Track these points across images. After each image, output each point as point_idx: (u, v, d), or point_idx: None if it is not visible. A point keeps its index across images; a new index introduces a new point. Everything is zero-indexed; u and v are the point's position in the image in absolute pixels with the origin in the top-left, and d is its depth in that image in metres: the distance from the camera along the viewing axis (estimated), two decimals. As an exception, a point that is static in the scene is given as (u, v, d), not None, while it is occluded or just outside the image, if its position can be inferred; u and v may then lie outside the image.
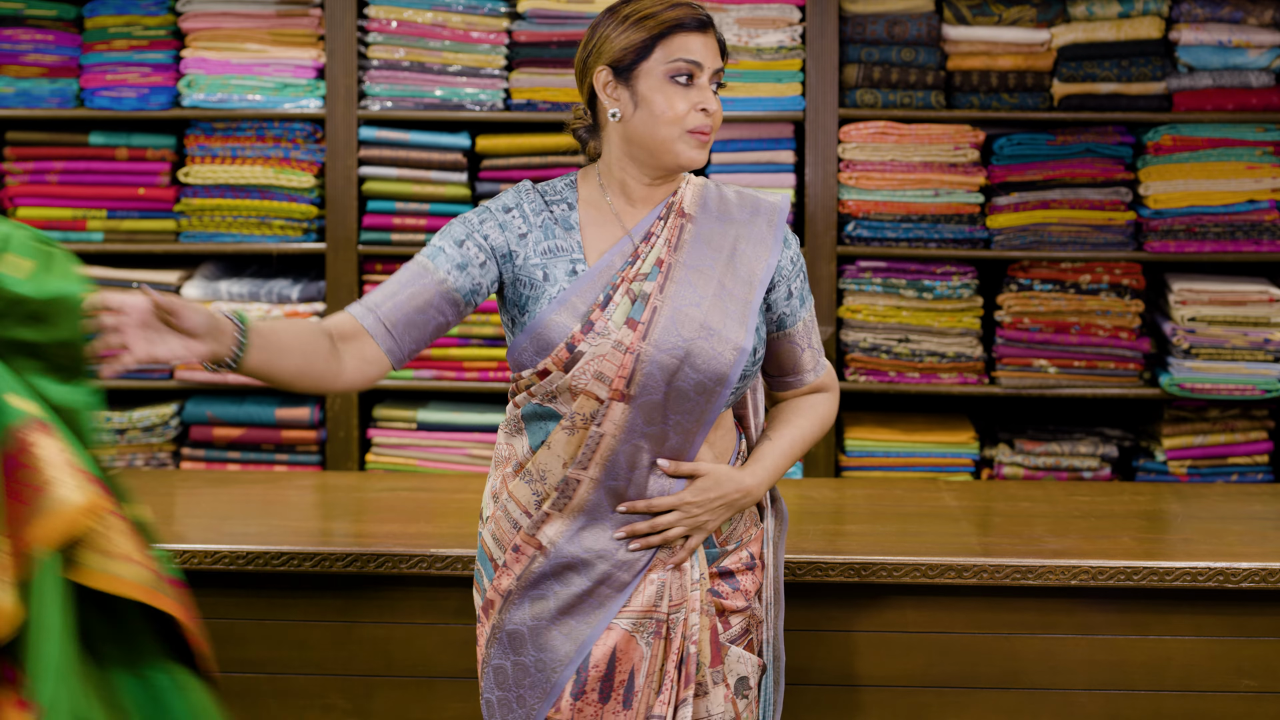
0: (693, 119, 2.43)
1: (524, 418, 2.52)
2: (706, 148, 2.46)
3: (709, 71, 2.44)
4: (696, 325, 2.43)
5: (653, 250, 2.48)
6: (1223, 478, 4.56)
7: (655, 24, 2.42)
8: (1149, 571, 2.95)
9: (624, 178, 2.51)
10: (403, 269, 2.56)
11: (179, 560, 3.06)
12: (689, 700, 2.48)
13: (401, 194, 4.62)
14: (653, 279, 2.46)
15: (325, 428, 4.66)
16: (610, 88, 2.47)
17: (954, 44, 4.60)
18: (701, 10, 2.46)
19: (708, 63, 2.44)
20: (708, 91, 2.44)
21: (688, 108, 2.42)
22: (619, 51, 2.45)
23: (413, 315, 2.52)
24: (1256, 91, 4.55)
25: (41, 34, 4.69)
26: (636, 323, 2.43)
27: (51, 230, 4.69)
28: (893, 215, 4.56)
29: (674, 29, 2.42)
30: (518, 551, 2.49)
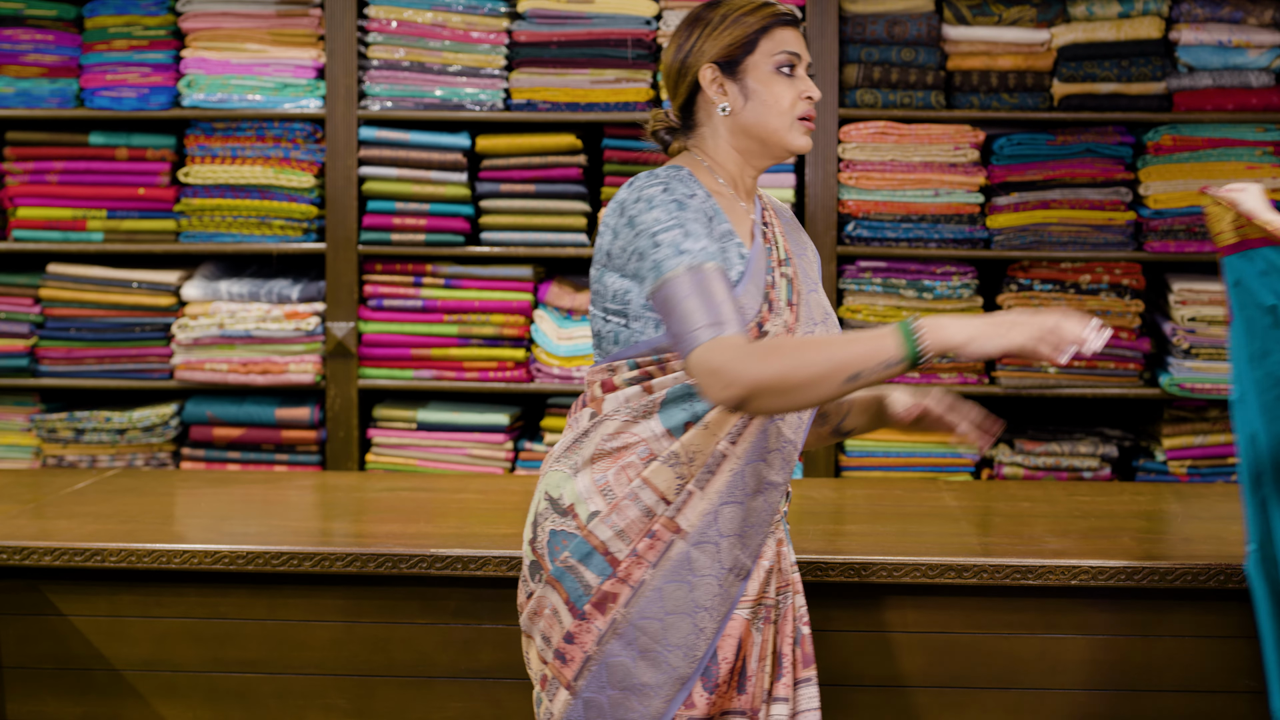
0: (801, 106, 2.56)
1: (668, 400, 2.50)
2: (810, 135, 2.59)
3: (803, 64, 2.58)
4: (823, 310, 2.61)
5: (777, 239, 2.61)
6: (1223, 478, 4.56)
7: (757, 20, 2.55)
8: (1149, 571, 2.95)
9: (736, 168, 2.60)
10: (708, 279, 2.39)
11: (179, 560, 3.06)
12: (811, 679, 2.58)
13: (401, 194, 4.62)
14: (788, 265, 2.59)
15: (325, 428, 4.66)
16: (718, 84, 2.56)
17: (954, 44, 4.60)
18: (793, 8, 2.62)
19: (804, 54, 2.59)
20: (809, 80, 2.58)
21: (795, 96, 2.55)
22: (724, 49, 2.55)
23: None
24: (1256, 91, 4.55)
25: (41, 34, 4.69)
26: (792, 304, 2.56)
27: (51, 230, 4.69)
28: (893, 215, 4.56)
29: (774, 23, 2.56)
30: (653, 538, 2.48)
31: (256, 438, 4.65)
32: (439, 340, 4.64)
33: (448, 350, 4.64)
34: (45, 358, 4.70)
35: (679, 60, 2.58)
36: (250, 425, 4.65)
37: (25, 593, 3.13)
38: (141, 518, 3.37)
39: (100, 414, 4.67)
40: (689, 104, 2.59)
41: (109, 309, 4.68)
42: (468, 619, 3.06)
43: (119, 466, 4.66)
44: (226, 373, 4.63)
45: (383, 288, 4.66)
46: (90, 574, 3.11)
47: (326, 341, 4.62)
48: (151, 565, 3.06)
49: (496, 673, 3.06)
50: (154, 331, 4.68)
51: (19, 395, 4.78)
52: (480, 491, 3.74)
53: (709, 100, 2.56)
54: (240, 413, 4.65)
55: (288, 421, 4.64)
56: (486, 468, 4.60)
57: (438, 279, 4.65)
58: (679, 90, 2.59)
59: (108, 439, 4.67)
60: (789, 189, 4.57)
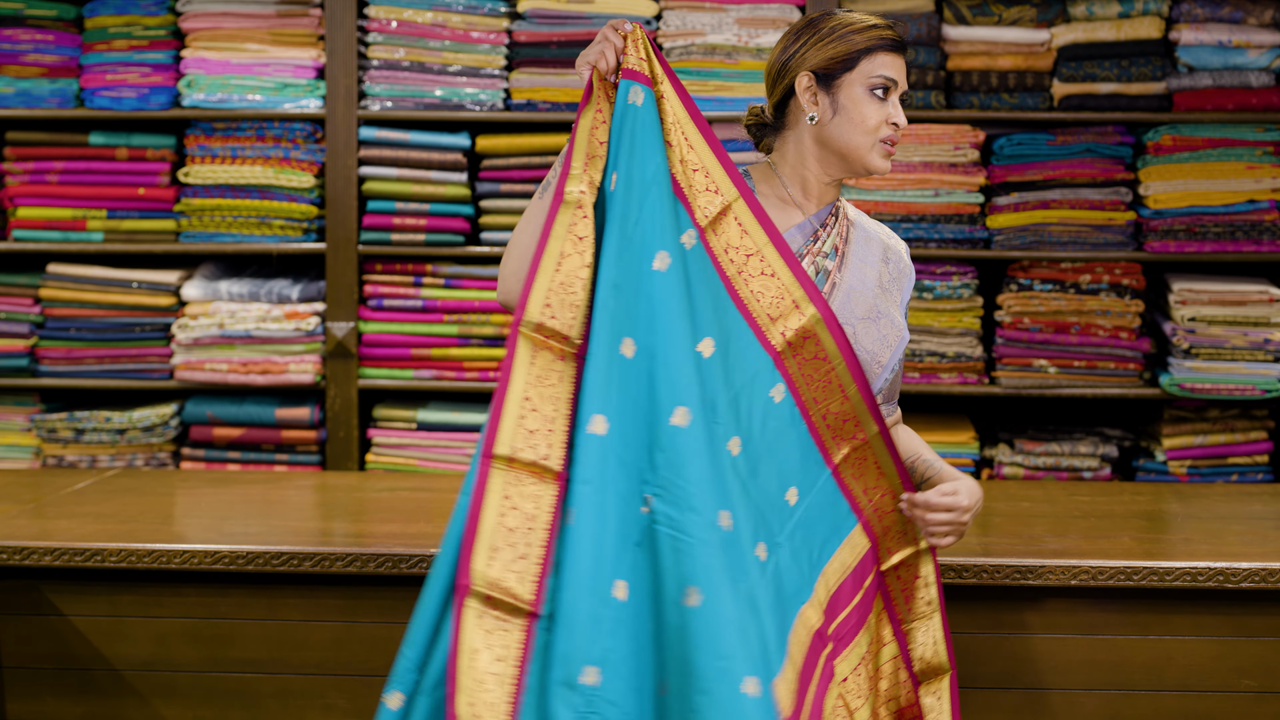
0: (885, 130, 2.63)
1: None
2: (891, 159, 2.69)
3: (899, 88, 2.64)
4: (867, 306, 2.65)
5: (829, 236, 2.68)
6: (1223, 478, 4.56)
7: (864, 40, 2.63)
8: (1149, 571, 2.95)
9: (806, 174, 2.68)
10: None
11: (179, 560, 3.06)
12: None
13: (401, 194, 4.62)
14: (832, 259, 2.66)
15: (325, 428, 4.66)
16: (811, 93, 2.64)
17: (954, 44, 4.60)
18: (900, 33, 2.67)
19: (901, 82, 2.65)
20: (899, 107, 2.64)
21: (881, 119, 2.63)
22: (826, 61, 2.63)
23: None
24: (1256, 91, 4.55)
25: (41, 34, 4.69)
26: (819, 292, 2.61)
27: (51, 230, 4.69)
28: (893, 215, 4.56)
29: (878, 47, 2.62)
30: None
31: (256, 438, 4.65)
32: (439, 340, 4.64)
33: (448, 350, 4.64)
34: (45, 358, 4.70)
35: (780, 61, 2.67)
36: (250, 425, 4.65)
37: (25, 593, 3.13)
38: (141, 518, 3.37)
39: (100, 414, 4.67)
40: (782, 105, 2.69)
41: (109, 309, 4.68)
42: (468, 619, 3.06)
43: (119, 466, 4.66)
44: (226, 373, 4.63)
45: (383, 288, 4.66)
46: (90, 574, 3.11)
47: (326, 341, 4.62)
48: (151, 565, 3.06)
49: (496, 673, 3.05)
50: (154, 331, 4.68)
51: (19, 395, 4.78)
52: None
53: (800, 106, 2.65)
54: (240, 413, 4.65)
55: (288, 421, 4.64)
56: (486, 468, 4.60)
57: (438, 279, 4.65)
58: (775, 90, 2.69)
59: (108, 439, 4.67)
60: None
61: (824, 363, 2.54)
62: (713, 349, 2.45)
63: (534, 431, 2.38)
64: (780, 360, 2.52)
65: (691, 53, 4.55)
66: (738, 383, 2.48)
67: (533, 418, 2.37)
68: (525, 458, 2.36)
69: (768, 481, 2.49)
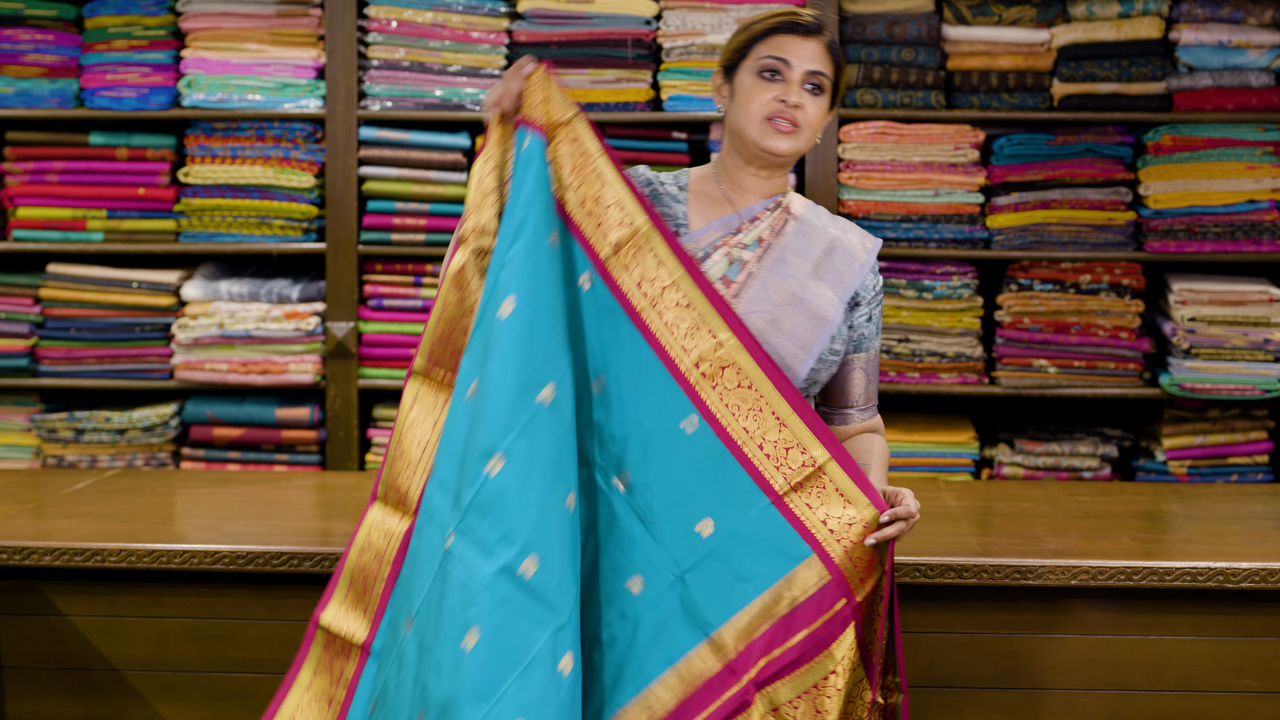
0: (772, 107, 2.61)
1: None
2: (788, 136, 2.63)
3: (799, 70, 2.62)
4: (788, 294, 2.62)
5: (755, 229, 2.68)
6: (1223, 478, 4.56)
7: (759, 27, 2.66)
8: (1149, 571, 2.95)
9: (731, 167, 2.71)
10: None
11: (179, 560, 3.06)
12: None
13: (401, 194, 4.62)
14: (752, 250, 2.66)
15: (325, 428, 4.66)
16: (720, 88, 2.71)
17: (954, 44, 4.60)
18: (809, 19, 2.66)
19: (798, 61, 2.62)
20: (792, 86, 2.62)
21: (768, 98, 2.62)
22: (728, 54, 2.70)
23: None
24: (1256, 91, 4.54)
25: (41, 34, 4.69)
26: (730, 281, 2.63)
27: (51, 230, 4.69)
28: (893, 215, 4.56)
29: (771, 31, 2.65)
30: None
31: (256, 438, 4.65)
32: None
33: (448, 350, 4.63)
34: (45, 358, 4.70)
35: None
36: (250, 425, 4.65)
37: (25, 593, 3.13)
38: (141, 518, 3.37)
39: (100, 414, 4.67)
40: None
41: (109, 309, 4.68)
42: (468, 619, 3.06)
43: (119, 466, 4.65)
44: (226, 373, 4.63)
45: (383, 288, 4.66)
46: (90, 574, 3.11)
47: (326, 341, 4.62)
48: (151, 565, 3.06)
49: (496, 673, 3.05)
50: (154, 331, 4.68)
51: (19, 395, 4.78)
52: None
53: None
54: (240, 413, 4.65)
55: (288, 421, 4.64)
56: (486, 468, 4.60)
57: (438, 279, 4.65)
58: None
59: (108, 439, 4.67)
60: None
61: (750, 390, 2.51)
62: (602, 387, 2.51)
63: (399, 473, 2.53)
64: (694, 391, 2.50)
65: (691, 53, 4.55)
66: (639, 416, 2.49)
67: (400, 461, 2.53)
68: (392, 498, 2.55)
69: (672, 513, 2.48)
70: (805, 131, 2.63)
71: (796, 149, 2.64)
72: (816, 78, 2.63)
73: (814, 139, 2.67)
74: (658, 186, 2.72)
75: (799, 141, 2.63)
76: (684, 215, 2.69)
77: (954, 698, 3.01)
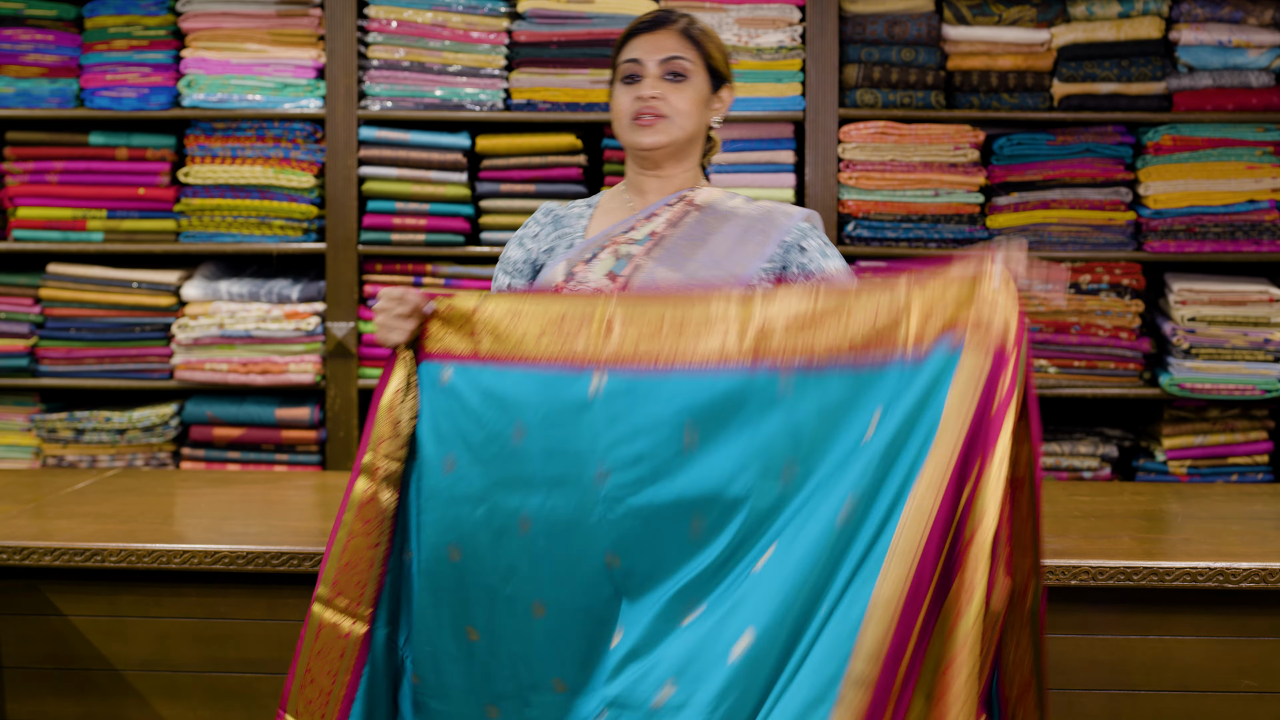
0: (633, 106, 2.67)
1: None
2: (653, 129, 2.67)
3: (652, 63, 2.66)
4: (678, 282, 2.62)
5: (650, 224, 2.70)
6: (1223, 478, 4.56)
7: (619, 41, 2.72)
8: (1149, 571, 2.95)
9: (631, 174, 2.76)
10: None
11: (179, 560, 3.06)
12: None
13: (401, 194, 4.62)
14: (641, 244, 2.67)
15: (325, 428, 4.66)
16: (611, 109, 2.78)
17: (954, 44, 4.60)
18: (665, 12, 2.70)
19: (649, 56, 2.66)
20: (650, 81, 2.66)
21: (630, 99, 2.68)
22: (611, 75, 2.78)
23: None
24: (1256, 91, 4.55)
25: (41, 34, 4.69)
26: (616, 276, 2.64)
27: (51, 230, 4.69)
28: (893, 215, 4.56)
29: (627, 38, 2.71)
30: None
31: (256, 438, 4.65)
32: (439, 340, 4.64)
33: (448, 350, 4.63)
34: (45, 358, 4.70)
35: None
36: (250, 425, 4.65)
37: (25, 593, 3.13)
38: (141, 518, 3.36)
39: (100, 414, 4.67)
40: None
41: (109, 309, 4.68)
42: (468, 619, 3.06)
43: (119, 466, 4.65)
44: (226, 373, 4.63)
45: (383, 288, 4.65)
46: (90, 574, 3.10)
47: (326, 341, 4.62)
48: (151, 565, 3.06)
49: (496, 673, 3.05)
50: (154, 331, 4.68)
51: (19, 395, 4.78)
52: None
53: None
54: (240, 413, 4.65)
55: (288, 421, 4.64)
56: (486, 468, 4.60)
57: (438, 279, 4.65)
58: None
59: (108, 439, 4.67)
60: (789, 189, 4.57)
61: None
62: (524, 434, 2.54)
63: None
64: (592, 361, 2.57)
65: (691, 53, 4.55)
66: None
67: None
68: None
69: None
70: (676, 119, 2.66)
71: (670, 138, 2.67)
72: (672, 64, 2.66)
73: (694, 125, 2.69)
74: (560, 213, 2.78)
75: (670, 131, 2.67)
76: (583, 230, 2.74)
77: (954, 698, 3.01)
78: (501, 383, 2.45)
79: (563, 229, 2.76)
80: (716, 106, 2.75)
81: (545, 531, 2.40)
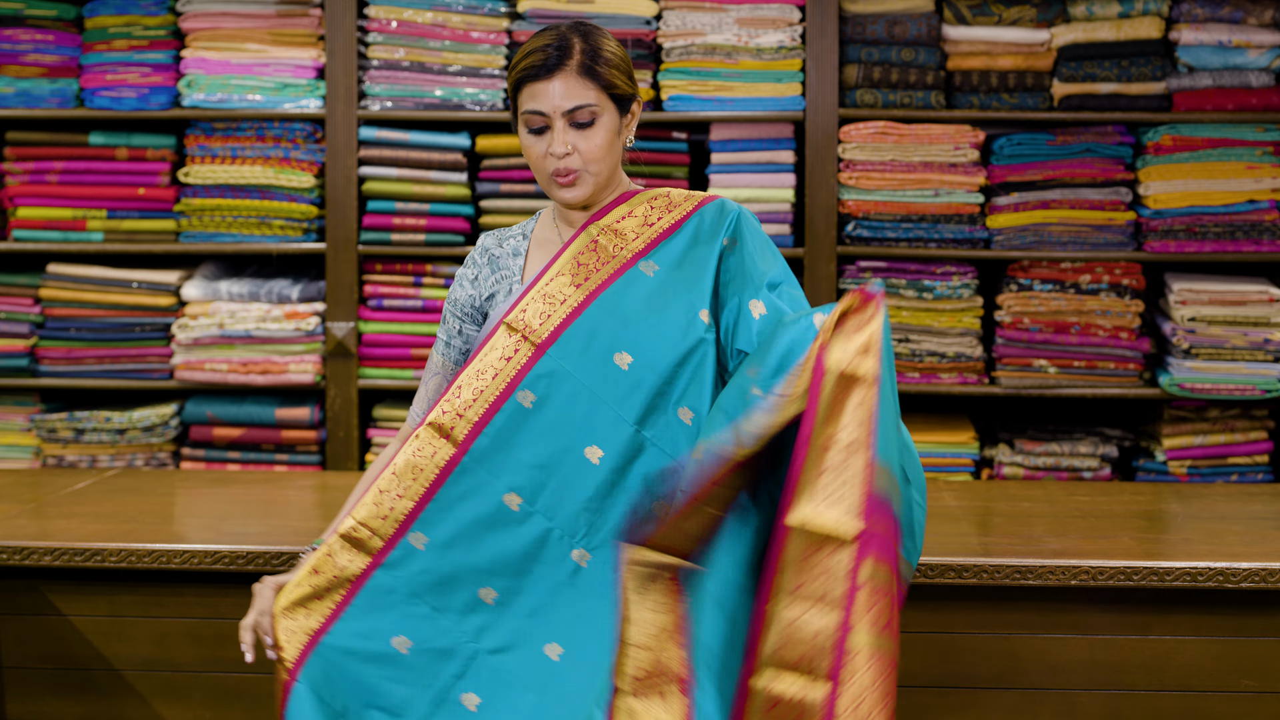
0: (547, 164, 2.51)
1: None
2: (575, 186, 2.52)
3: (557, 115, 2.49)
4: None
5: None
6: (1223, 478, 4.56)
7: (513, 75, 2.53)
8: (1149, 571, 2.95)
9: (558, 208, 2.63)
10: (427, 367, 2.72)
11: (179, 560, 3.06)
12: None
13: (401, 194, 4.62)
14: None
15: (325, 428, 4.66)
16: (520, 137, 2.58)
17: (954, 44, 4.60)
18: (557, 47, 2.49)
19: (551, 107, 2.48)
20: (558, 135, 2.49)
21: (542, 154, 2.51)
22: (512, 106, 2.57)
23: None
24: (1256, 91, 4.54)
25: (41, 34, 4.69)
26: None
27: (51, 230, 4.69)
28: (893, 215, 4.56)
29: (522, 80, 2.51)
30: None
31: (256, 438, 4.65)
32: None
33: (448, 350, 4.63)
34: (45, 358, 4.70)
35: None
36: (250, 425, 4.65)
37: (25, 593, 3.13)
38: (141, 518, 3.36)
39: (100, 414, 4.67)
40: None
41: (109, 309, 4.68)
42: (468, 619, 3.06)
43: (119, 466, 4.65)
44: (226, 373, 4.63)
45: (383, 288, 4.66)
46: (90, 574, 3.11)
47: (326, 341, 4.62)
48: (151, 565, 3.06)
49: (496, 673, 3.05)
50: (154, 331, 4.68)
51: (19, 395, 4.78)
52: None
53: None
54: (240, 413, 4.65)
55: (288, 421, 4.64)
56: (486, 468, 4.60)
57: (438, 279, 4.65)
58: None
59: (108, 439, 4.67)
60: (789, 189, 4.57)
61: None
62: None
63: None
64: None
65: (691, 53, 4.55)
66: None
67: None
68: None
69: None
70: (591, 167, 2.50)
71: (590, 189, 2.52)
72: (577, 114, 2.48)
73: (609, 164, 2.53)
74: (495, 252, 2.63)
75: (588, 183, 2.52)
76: (519, 270, 2.61)
77: (954, 698, 3.01)
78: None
79: (500, 270, 2.63)
80: (629, 123, 2.58)
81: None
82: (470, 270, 2.66)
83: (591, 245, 2.56)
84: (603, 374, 2.48)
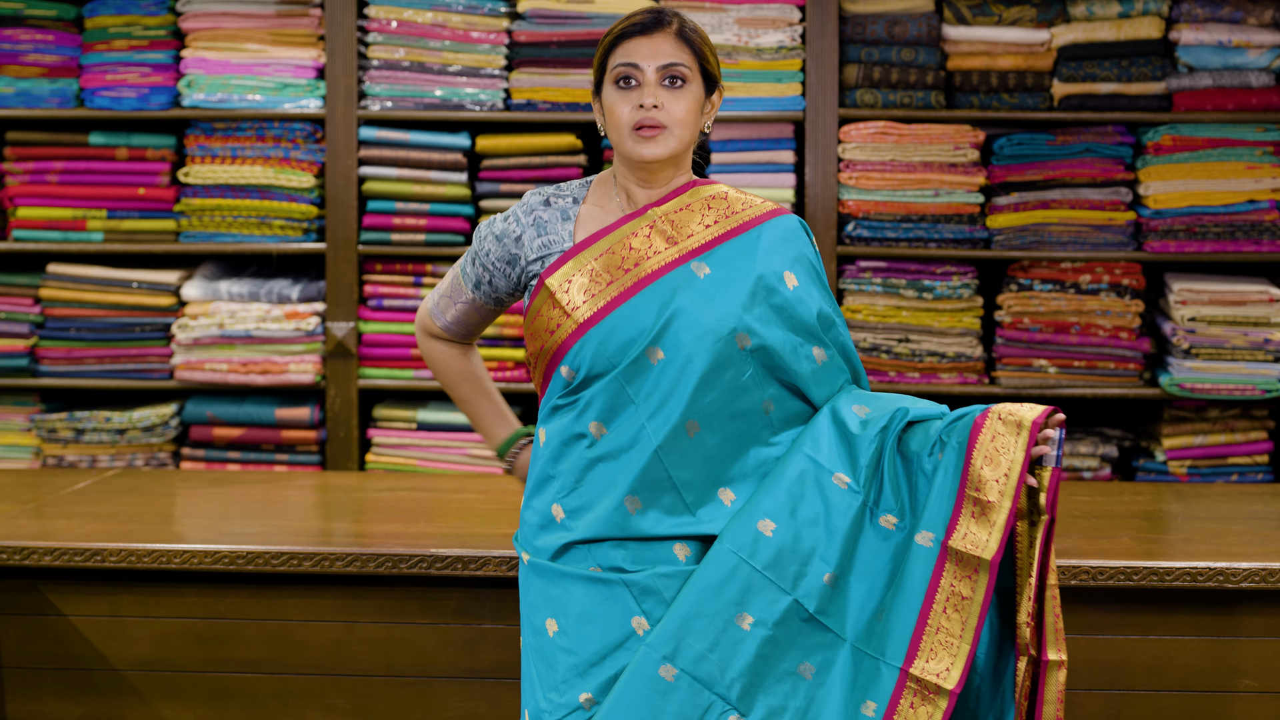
0: (633, 116, 2.55)
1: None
2: (655, 141, 2.56)
3: (651, 69, 2.55)
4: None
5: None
6: (1223, 478, 4.56)
7: (608, 40, 2.59)
8: (1149, 571, 2.95)
9: (623, 180, 2.65)
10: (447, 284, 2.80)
11: (179, 560, 3.06)
12: None
13: (401, 194, 4.62)
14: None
15: (325, 428, 4.66)
16: (596, 107, 2.63)
17: (954, 44, 4.60)
18: (656, 13, 2.58)
19: (646, 62, 2.55)
20: (649, 89, 2.55)
21: (629, 108, 2.56)
22: (595, 75, 2.63)
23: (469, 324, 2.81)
24: (1256, 91, 4.55)
25: (41, 34, 4.69)
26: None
27: (51, 230, 4.69)
28: (893, 215, 4.56)
29: (619, 39, 2.58)
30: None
31: (256, 438, 4.65)
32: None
33: (448, 350, 4.63)
34: (45, 358, 4.70)
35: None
36: (250, 425, 4.65)
37: (25, 593, 3.13)
38: (141, 518, 3.37)
39: (100, 414, 4.67)
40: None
41: (109, 309, 4.68)
42: (468, 619, 3.06)
43: (119, 466, 4.66)
44: (226, 373, 4.63)
45: (383, 288, 4.66)
46: (90, 574, 3.11)
47: (326, 341, 4.62)
48: (151, 565, 3.06)
49: (497, 673, 3.06)
50: (154, 331, 4.68)
51: (19, 395, 4.78)
52: (480, 491, 3.74)
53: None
54: (240, 413, 4.65)
55: (288, 421, 4.64)
56: (486, 468, 4.60)
57: (438, 279, 4.65)
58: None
59: (108, 439, 4.67)
60: (789, 189, 4.57)
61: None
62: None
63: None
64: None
65: (691, 53, 4.55)
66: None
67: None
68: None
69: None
70: (674, 129, 2.56)
71: (670, 150, 2.57)
72: (672, 70, 2.55)
73: (691, 133, 2.60)
74: (542, 216, 2.63)
75: (670, 143, 2.56)
76: (570, 235, 2.62)
77: (954, 698, 3.01)
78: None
79: (549, 234, 2.63)
80: (709, 111, 2.66)
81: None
82: (513, 227, 2.65)
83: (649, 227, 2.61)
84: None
